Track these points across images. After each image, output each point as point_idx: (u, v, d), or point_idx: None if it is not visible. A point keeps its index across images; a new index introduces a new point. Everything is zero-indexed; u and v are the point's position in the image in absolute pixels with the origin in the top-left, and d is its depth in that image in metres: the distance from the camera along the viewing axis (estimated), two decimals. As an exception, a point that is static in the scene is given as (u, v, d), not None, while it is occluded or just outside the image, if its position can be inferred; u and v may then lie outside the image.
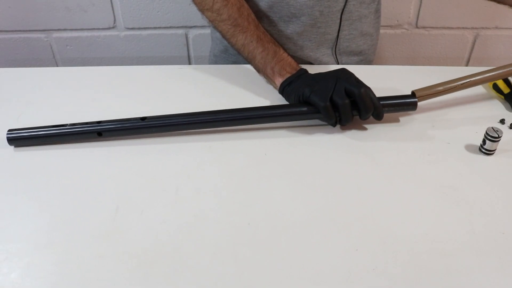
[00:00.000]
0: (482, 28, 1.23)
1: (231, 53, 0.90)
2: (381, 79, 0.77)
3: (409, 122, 0.67)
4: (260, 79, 0.75)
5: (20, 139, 0.63)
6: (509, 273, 0.45)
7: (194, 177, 0.58)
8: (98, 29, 1.26)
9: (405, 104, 0.65)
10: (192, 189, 0.56)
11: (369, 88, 0.63)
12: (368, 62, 0.94)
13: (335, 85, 0.62)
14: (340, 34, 0.84)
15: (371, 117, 0.64)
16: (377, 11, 0.88)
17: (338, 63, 0.88)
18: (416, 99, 0.65)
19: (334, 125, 0.65)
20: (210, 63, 1.00)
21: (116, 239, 0.49)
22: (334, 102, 0.62)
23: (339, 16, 0.81)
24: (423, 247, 0.47)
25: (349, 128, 0.66)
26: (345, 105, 0.61)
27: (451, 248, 0.47)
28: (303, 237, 0.49)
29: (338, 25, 0.83)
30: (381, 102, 0.63)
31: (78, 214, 0.52)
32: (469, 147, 0.62)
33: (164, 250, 0.48)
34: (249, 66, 0.76)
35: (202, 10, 0.77)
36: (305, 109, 0.65)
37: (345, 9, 0.81)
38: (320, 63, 0.86)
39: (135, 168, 0.59)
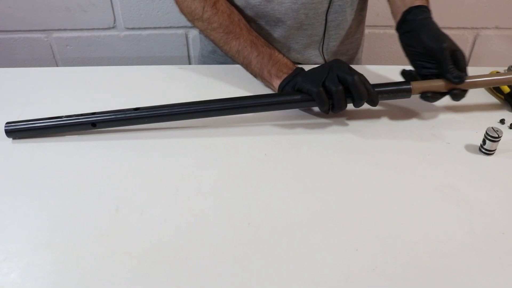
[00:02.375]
0: (482, 28, 1.23)
1: (219, 54, 0.90)
2: (381, 79, 0.77)
3: (409, 122, 0.67)
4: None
5: (18, 131, 0.64)
6: (509, 273, 0.45)
7: (194, 177, 0.58)
8: (98, 29, 1.27)
9: (399, 90, 0.65)
10: (192, 189, 0.56)
11: (362, 75, 0.62)
12: (357, 61, 0.94)
13: (328, 73, 0.62)
14: (326, 34, 0.84)
15: (366, 104, 0.64)
16: (363, 9, 0.88)
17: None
18: (410, 86, 0.65)
19: (327, 112, 0.65)
20: (199, 64, 1.00)
21: (116, 239, 0.49)
22: (327, 89, 0.62)
23: (324, 17, 0.81)
24: (423, 247, 0.47)
25: (349, 128, 0.66)
26: (338, 92, 0.61)
27: (451, 248, 0.47)
28: (303, 237, 0.49)
29: (324, 26, 0.82)
30: (375, 89, 0.63)
31: (78, 214, 0.52)
32: (469, 147, 0.62)
33: (164, 250, 0.48)
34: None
35: (192, 20, 0.77)
36: (298, 97, 0.64)
37: (330, 9, 0.81)
38: (309, 63, 0.86)
39: (135, 167, 0.59)
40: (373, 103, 0.64)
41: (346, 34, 0.87)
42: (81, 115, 0.64)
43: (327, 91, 0.62)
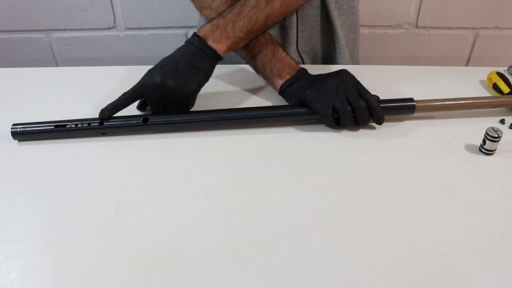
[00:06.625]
0: (482, 28, 1.23)
1: None
2: (381, 79, 0.77)
3: (409, 122, 0.67)
4: (260, 79, 0.75)
5: (24, 133, 0.64)
6: (509, 273, 0.45)
7: (194, 177, 0.58)
8: (98, 29, 1.27)
9: (403, 107, 0.66)
10: (192, 189, 0.56)
11: (370, 98, 0.63)
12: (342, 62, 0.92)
13: (337, 91, 0.63)
14: (299, 35, 0.83)
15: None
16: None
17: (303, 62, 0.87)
18: (414, 103, 0.65)
19: (332, 128, 0.66)
20: None
21: (116, 239, 0.49)
22: (335, 108, 0.63)
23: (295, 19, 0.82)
24: (423, 247, 0.47)
25: (349, 128, 0.66)
26: (347, 113, 0.62)
27: (451, 248, 0.47)
28: (303, 237, 0.49)
29: (295, 35, 0.83)
30: (380, 105, 0.64)
31: (78, 214, 0.52)
32: (469, 147, 0.62)
33: (164, 250, 0.48)
34: (248, 66, 0.76)
35: (200, 8, 0.76)
36: (304, 110, 0.65)
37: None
38: None
39: (135, 167, 0.59)
40: (379, 122, 0.65)
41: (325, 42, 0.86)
42: (89, 121, 0.64)
43: (334, 109, 0.63)
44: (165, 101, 0.64)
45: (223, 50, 0.65)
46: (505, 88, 0.72)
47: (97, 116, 0.65)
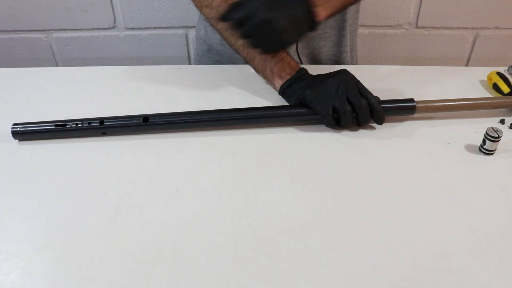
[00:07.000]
0: (482, 28, 1.23)
1: (214, 53, 0.90)
2: (381, 79, 0.77)
3: (409, 122, 0.67)
4: (260, 79, 0.75)
5: (24, 133, 0.64)
6: (509, 273, 0.45)
7: (194, 177, 0.58)
8: (98, 29, 1.27)
9: (403, 108, 0.66)
10: (192, 189, 0.56)
11: (370, 98, 0.63)
12: (342, 62, 0.92)
13: (337, 91, 0.63)
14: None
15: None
16: (344, 21, 0.85)
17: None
18: (415, 103, 0.65)
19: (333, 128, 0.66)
20: (194, 63, 0.99)
21: (116, 239, 0.49)
22: (335, 109, 0.63)
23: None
24: (423, 247, 0.47)
25: (350, 129, 0.66)
26: (347, 112, 0.62)
27: (451, 248, 0.47)
28: (303, 237, 0.49)
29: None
30: (382, 106, 0.64)
31: (78, 214, 0.52)
32: (469, 147, 0.62)
33: (164, 250, 0.48)
34: (248, 66, 0.76)
35: (200, 7, 0.76)
36: (305, 110, 0.65)
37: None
38: None
39: (135, 167, 0.59)
40: (379, 122, 0.65)
41: (326, 45, 0.86)
42: (89, 121, 0.64)
43: (334, 109, 0.63)
44: (261, 33, 0.60)
45: (321, 18, 0.61)
46: (505, 88, 0.72)
47: (97, 115, 0.65)
